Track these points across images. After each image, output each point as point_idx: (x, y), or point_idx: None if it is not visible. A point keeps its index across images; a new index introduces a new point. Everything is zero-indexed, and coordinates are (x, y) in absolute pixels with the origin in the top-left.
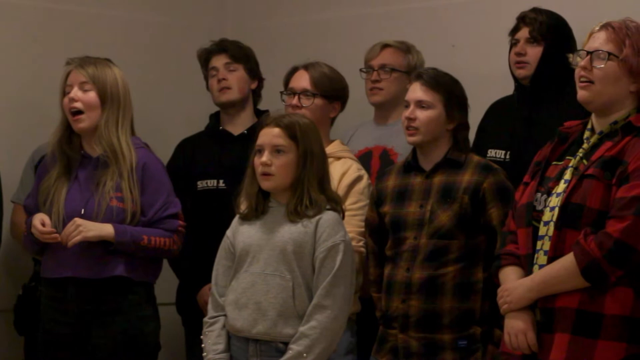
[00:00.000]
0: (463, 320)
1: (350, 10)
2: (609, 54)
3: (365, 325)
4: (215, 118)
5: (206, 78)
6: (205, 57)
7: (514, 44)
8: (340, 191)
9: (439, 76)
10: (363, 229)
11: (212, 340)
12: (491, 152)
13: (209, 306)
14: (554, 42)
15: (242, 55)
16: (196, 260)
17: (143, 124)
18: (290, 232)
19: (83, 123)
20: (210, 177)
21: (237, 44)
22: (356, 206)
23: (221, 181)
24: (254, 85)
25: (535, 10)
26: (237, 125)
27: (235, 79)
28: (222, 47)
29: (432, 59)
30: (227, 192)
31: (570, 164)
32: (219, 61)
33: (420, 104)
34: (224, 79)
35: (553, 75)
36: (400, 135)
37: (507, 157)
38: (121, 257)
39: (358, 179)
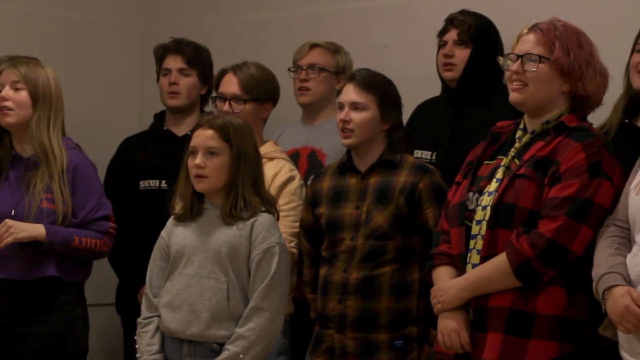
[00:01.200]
0: (399, 320)
1: (283, 11)
2: (540, 57)
3: (298, 326)
4: (159, 118)
5: (158, 74)
6: (161, 54)
7: (442, 45)
8: (273, 191)
9: (372, 77)
10: (295, 230)
11: (147, 341)
12: (417, 153)
13: (143, 306)
14: (481, 45)
15: (197, 61)
16: (137, 260)
17: (82, 125)
18: (225, 234)
19: (10, 117)
20: (152, 177)
21: (195, 47)
22: (288, 207)
23: (163, 182)
24: (203, 91)
25: (463, 12)
26: (182, 127)
27: (186, 85)
28: (180, 48)
29: (364, 59)
30: (169, 193)
31: (502, 163)
32: (174, 64)
33: (354, 106)
34: (175, 83)
35: (480, 77)
36: (328, 136)
37: (434, 158)
38: (52, 257)
39: (290, 179)
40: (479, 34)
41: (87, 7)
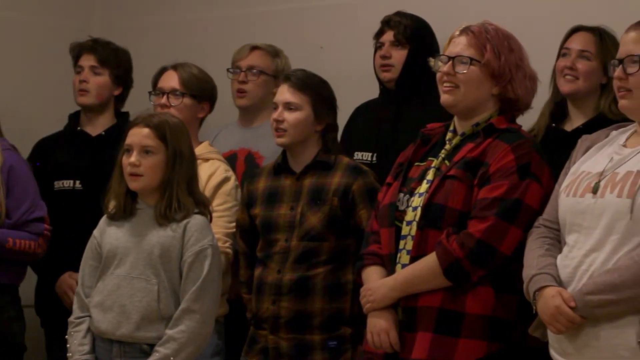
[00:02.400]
0: (333, 321)
1: (219, 11)
2: (471, 59)
3: (233, 327)
4: (74, 118)
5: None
6: (76, 53)
7: (379, 47)
8: (208, 192)
9: (307, 77)
10: (230, 230)
11: (78, 341)
12: (357, 155)
13: (75, 306)
14: (418, 45)
15: (111, 60)
16: (52, 261)
17: (11, 124)
18: (158, 236)
19: None
20: (66, 177)
21: (110, 47)
22: (223, 207)
23: (77, 182)
24: (117, 92)
25: (399, 14)
26: (96, 127)
27: (96, 84)
28: (93, 47)
29: (300, 60)
30: (83, 193)
31: (433, 165)
32: (86, 61)
33: (288, 106)
34: (84, 81)
35: (418, 78)
36: (265, 139)
37: (374, 159)
38: None
39: (225, 180)
40: (415, 35)
41: (20, 6)
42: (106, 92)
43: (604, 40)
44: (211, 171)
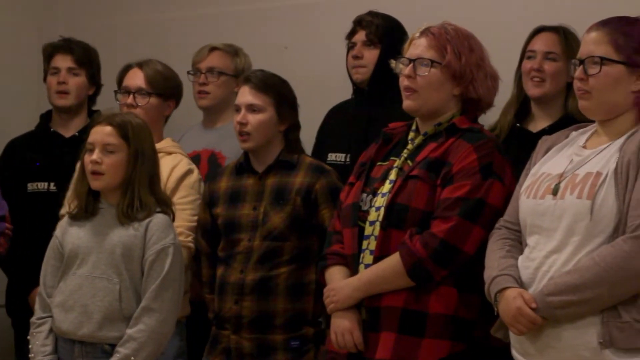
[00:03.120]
0: (296, 321)
1: (182, 12)
2: (432, 61)
3: (195, 328)
4: (45, 118)
5: (46, 72)
6: (49, 53)
7: (351, 47)
8: (171, 184)
9: (267, 78)
10: (192, 224)
11: (40, 342)
12: (331, 156)
13: (37, 306)
14: (390, 45)
15: (87, 60)
16: (26, 262)
17: None
18: (119, 235)
19: None
20: (40, 179)
21: (84, 47)
22: (186, 200)
23: (52, 184)
24: (91, 91)
25: (371, 13)
26: (69, 128)
27: (75, 85)
28: (69, 47)
29: (264, 61)
30: (58, 195)
31: (395, 165)
32: (63, 62)
33: (251, 108)
34: (64, 82)
35: (390, 77)
36: (228, 139)
37: (347, 160)
38: None
39: (188, 172)
40: (387, 34)
41: None
42: (84, 92)
43: (567, 39)
44: (174, 164)
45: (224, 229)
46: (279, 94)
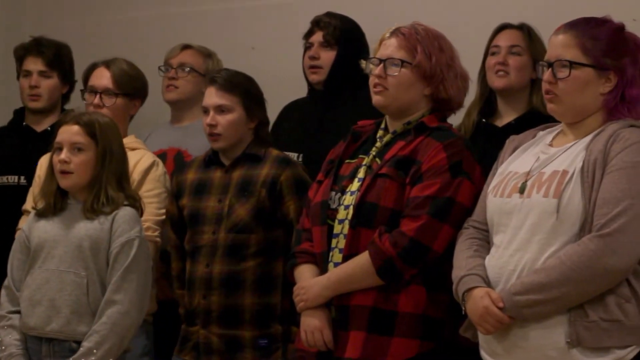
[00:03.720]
0: (264, 316)
1: (150, 10)
2: (402, 61)
3: (163, 327)
4: (19, 114)
5: (18, 73)
6: (20, 55)
7: (308, 47)
8: (136, 177)
9: (232, 77)
10: (159, 218)
11: (12, 335)
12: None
13: (5, 299)
14: (347, 47)
15: (58, 61)
16: None
17: None
18: (86, 228)
19: None
20: (10, 172)
21: (56, 47)
22: (152, 193)
23: (22, 177)
24: (64, 90)
25: (329, 14)
26: (42, 123)
27: (47, 88)
28: (40, 50)
29: (232, 61)
30: (28, 188)
31: (364, 163)
32: (34, 66)
33: (219, 109)
34: (36, 86)
35: (346, 79)
36: (194, 137)
37: (300, 159)
38: None
39: (153, 165)
40: (344, 36)
41: None
42: (56, 93)
43: (531, 36)
44: (137, 158)
45: (189, 221)
46: (246, 92)
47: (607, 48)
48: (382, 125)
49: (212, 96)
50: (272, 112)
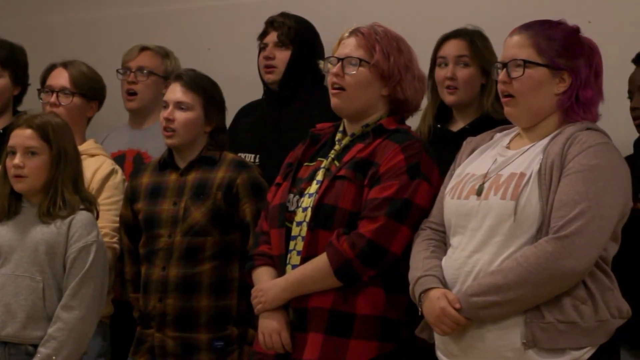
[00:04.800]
0: (220, 319)
1: (107, 11)
2: (360, 60)
3: (119, 328)
4: None
5: None
6: None
7: (262, 48)
8: (95, 185)
9: (198, 78)
10: (117, 225)
11: None
12: (240, 156)
13: None
14: (301, 47)
15: (10, 61)
16: None
17: None
18: (42, 232)
19: None
20: None
21: (9, 47)
22: (110, 201)
23: None
24: (16, 92)
25: (283, 15)
26: None
27: None
28: None
29: (188, 61)
30: None
31: (322, 165)
32: None
33: (179, 105)
34: None
35: (301, 79)
36: (154, 139)
37: (257, 160)
38: None
39: (112, 172)
40: (298, 36)
41: None
42: (7, 94)
43: (474, 43)
44: (97, 165)
45: (144, 225)
46: (209, 94)
47: (562, 48)
48: (341, 128)
49: (175, 92)
50: (227, 113)
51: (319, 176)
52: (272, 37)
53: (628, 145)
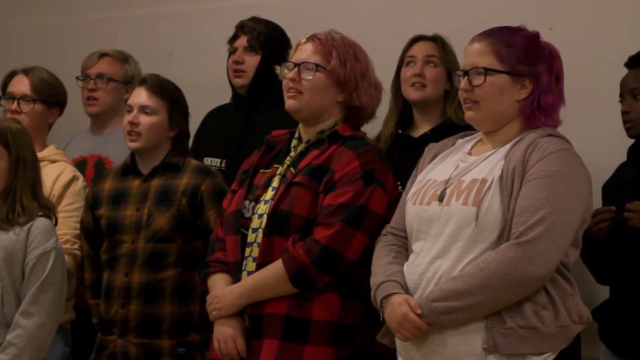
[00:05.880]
0: (182, 326)
1: (69, 16)
2: (317, 65)
3: (80, 334)
4: None
5: None
6: None
7: (232, 52)
8: (56, 192)
9: (163, 83)
10: (78, 231)
11: None
12: (207, 160)
13: None
14: (271, 52)
15: None
16: None
17: None
18: (1, 240)
19: None
20: None
21: None
22: (72, 207)
23: None
24: None
25: (253, 19)
26: None
27: None
28: None
29: (150, 67)
30: None
31: (278, 172)
32: None
33: (144, 109)
34: None
35: (270, 84)
36: (116, 145)
37: (222, 165)
38: None
39: (74, 179)
40: (268, 41)
41: None
42: None
43: (444, 47)
44: (58, 172)
45: (107, 231)
46: (173, 99)
47: (522, 55)
48: (296, 135)
49: (140, 96)
50: (190, 119)
51: (275, 183)
52: (242, 41)
53: (586, 148)
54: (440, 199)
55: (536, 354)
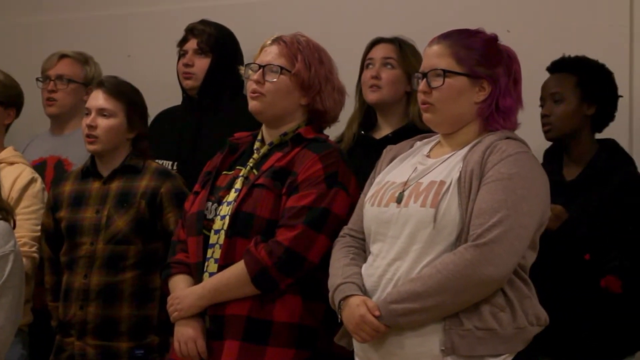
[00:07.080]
0: (141, 328)
1: (27, 17)
2: (282, 68)
3: (38, 336)
4: None
5: None
6: None
7: (182, 54)
8: (14, 194)
9: (120, 85)
10: (36, 234)
11: None
12: (158, 162)
13: None
14: (221, 54)
15: None
16: None
17: None
18: None
19: None
20: None
21: None
22: (30, 210)
23: None
24: None
25: (203, 22)
26: None
27: None
28: None
29: (108, 68)
30: None
31: (241, 174)
32: None
33: (102, 112)
34: None
35: (220, 86)
36: (75, 146)
37: (174, 167)
38: None
39: (32, 181)
40: (218, 43)
41: None
42: None
43: (403, 49)
44: (16, 174)
45: (67, 233)
46: (131, 101)
47: (481, 57)
48: (259, 137)
49: (98, 99)
50: (149, 120)
51: (238, 184)
52: (192, 44)
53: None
54: (399, 200)
55: (493, 356)
